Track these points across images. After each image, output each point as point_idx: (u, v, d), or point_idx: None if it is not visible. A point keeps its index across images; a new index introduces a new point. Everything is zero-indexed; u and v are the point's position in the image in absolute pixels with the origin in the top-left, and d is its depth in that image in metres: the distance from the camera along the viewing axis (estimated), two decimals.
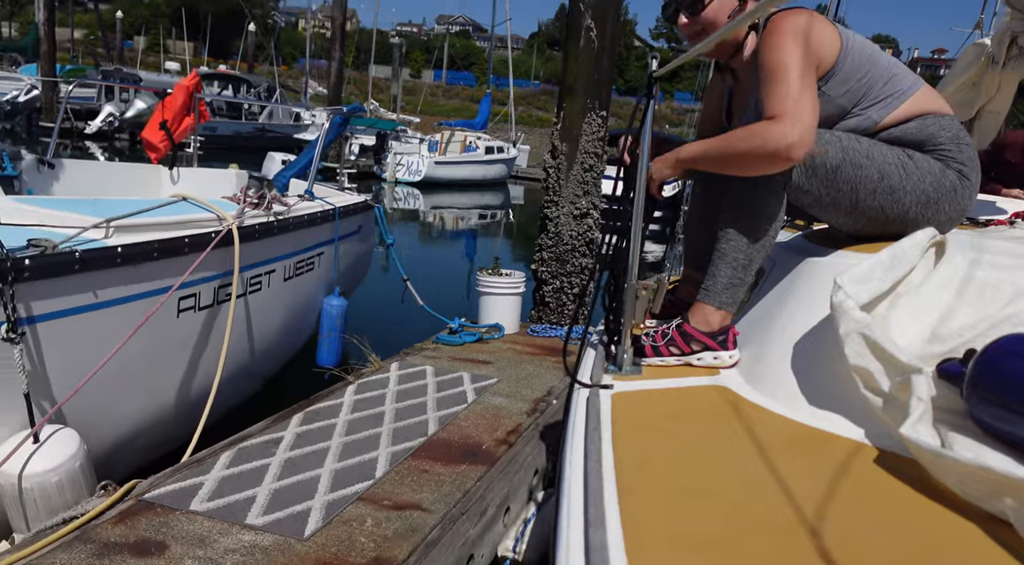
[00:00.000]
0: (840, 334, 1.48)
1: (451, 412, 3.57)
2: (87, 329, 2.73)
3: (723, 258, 1.89)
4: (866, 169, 1.83)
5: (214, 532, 2.43)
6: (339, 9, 20.18)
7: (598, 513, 1.15)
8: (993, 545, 1.09)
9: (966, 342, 1.48)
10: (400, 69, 28.13)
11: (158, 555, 2.28)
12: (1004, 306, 1.53)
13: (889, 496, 1.24)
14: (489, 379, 4.10)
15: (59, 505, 2.50)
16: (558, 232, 5.24)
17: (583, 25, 4.95)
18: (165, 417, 3.26)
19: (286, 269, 4.18)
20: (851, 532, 1.13)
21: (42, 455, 2.47)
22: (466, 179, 21.63)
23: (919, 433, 1.25)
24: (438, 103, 48.52)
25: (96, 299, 2.76)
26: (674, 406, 1.68)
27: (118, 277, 2.84)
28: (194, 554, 2.29)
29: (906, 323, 1.59)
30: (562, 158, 5.12)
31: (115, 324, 2.82)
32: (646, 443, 1.46)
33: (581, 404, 1.64)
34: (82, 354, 2.70)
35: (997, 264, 1.64)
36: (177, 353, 3.28)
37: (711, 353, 1.90)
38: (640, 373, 1.87)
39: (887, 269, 1.62)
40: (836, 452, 1.40)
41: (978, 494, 1.16)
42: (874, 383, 1.44)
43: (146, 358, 3.05)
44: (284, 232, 4.04)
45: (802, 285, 1.87)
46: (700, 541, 1.12)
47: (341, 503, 2.65)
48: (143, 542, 2.34)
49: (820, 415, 1.54)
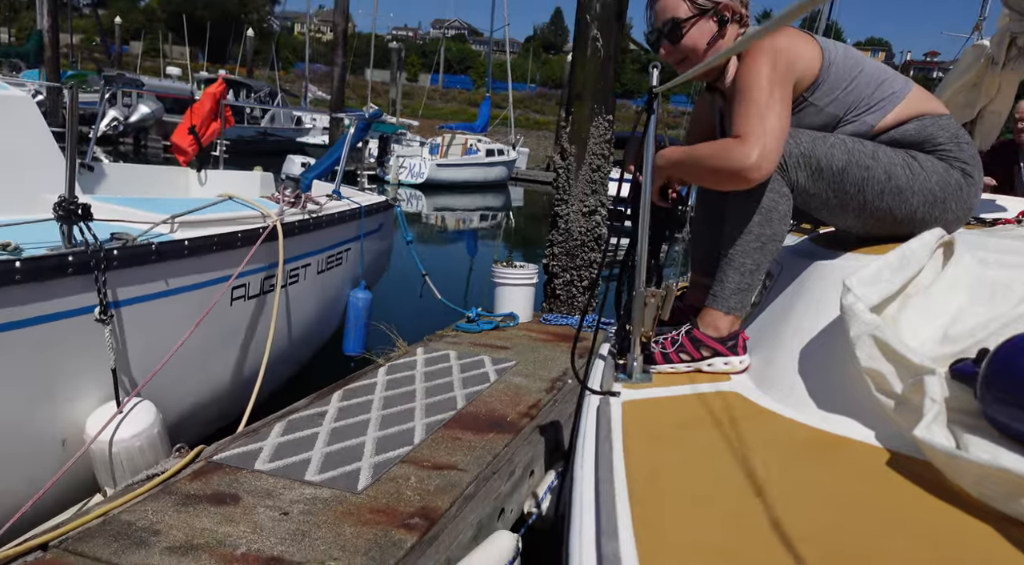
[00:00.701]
0: (851, 337, 1.47)
1: (476, 390, 3.92)
2: (160, 313, 3.08)
3: (730, 263, 1.89)
4: (873, 170, 1.83)
5: (278, 487, 2.77)
6: (341, 15, 20.50)
7: (611, 523, 1.15)
8: (1011, 547, 1.07)
9: (978, 342, 1.46)
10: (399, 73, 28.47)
11: (233, 505, 2.62)
12: (1016, 305, 1.51)
13: (904, 499, 1.22)
14: (508, 361, 4.45)
15: (141, 465, 2.84)
16: (568, 228, 5.60)
17: (590, 36, 5.31)
18: (220, 395, 3.61)
19: (319, 263, 4.53)
20: (867, 537, 1.12)
21: (127, 423, 2.82)
22: (467, 181, 21.99)
23: (933, 435, 1.24)
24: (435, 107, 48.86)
25: (167, 287, 3.11)
26: (685, 413, 1.67)
27: (184, 267, 3.19)
28: (264, 504, 2.63)
29: (917, 324, 1.57)
30: (571, 159, 5.47)
31: (183, 309, 3.17)
32: (657, 452, 1.46)
33: (592, 413, 1.64)
34: (157, 336, 3.05)
35: (1007, 263, 1.62)
36: (230, 337, 3.63)
37: (721, 359, 1.90)
38: (650, 381, 1.87)
39: (896, 270, 1.62)
40: (849, 456, 1.40)
41: (995, 495, 1.14)
42: (886, 385, 1.43)
43: (206, 341, 3.39)
44: (318, 229, 4.39)
45: (811, 288, 1.86)
46: (714, 550, 1.11)
47: (386, 464, 2.99)
48: (219, 495, 2.68)
49: (832, 419, 1.53)
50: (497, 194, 22.90)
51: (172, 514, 2.52)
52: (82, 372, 2.79)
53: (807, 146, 1.83)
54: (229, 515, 2.54)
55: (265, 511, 2.59)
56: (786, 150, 1.81)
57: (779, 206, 1.84)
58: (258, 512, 2.59)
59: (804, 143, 1.83)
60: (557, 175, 5.64)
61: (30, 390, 2.65)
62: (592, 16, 5.29)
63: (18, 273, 2.46)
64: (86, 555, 2.27)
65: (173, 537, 2.38)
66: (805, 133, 1.85)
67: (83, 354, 2.78)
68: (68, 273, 2.63)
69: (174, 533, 2.39)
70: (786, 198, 1.85)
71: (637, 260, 1.88)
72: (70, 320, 2.68)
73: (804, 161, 1.83)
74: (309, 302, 4.50)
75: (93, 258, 2.68)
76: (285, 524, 2.51)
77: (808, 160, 1.83)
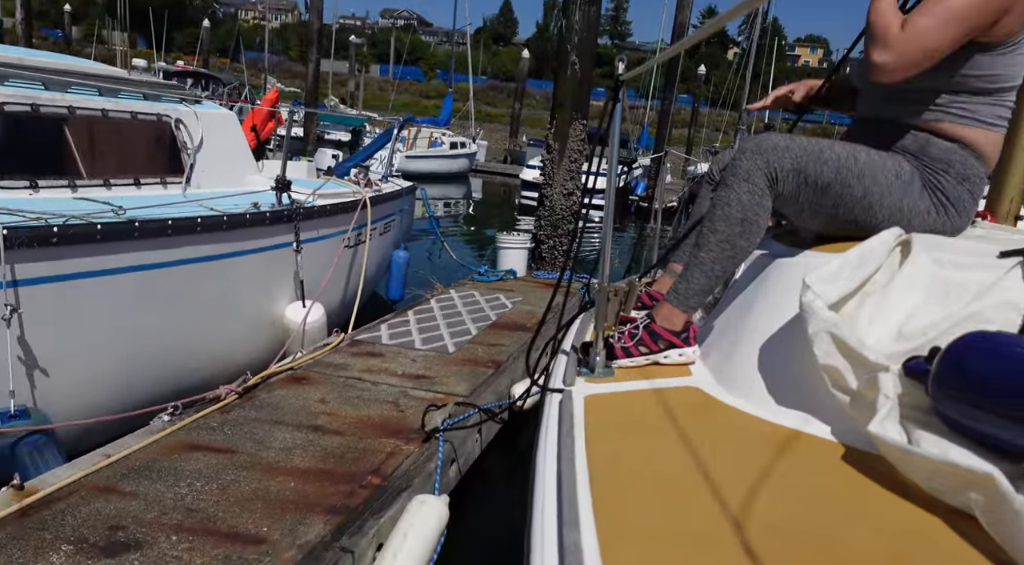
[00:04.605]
0: (809, 333, 1.48)
1: (500, 311, 5.80)
2: (317, 250, 4.88)
3: (700, 265, 1.90)
4: (853, 188, 1.84)
5: (400, 351, 4.60)
6: (315, 13, 21.88)
7: (572, 513, 1.16)
8: (959, 538, 1.11)
9: (931, 340, 1.46)
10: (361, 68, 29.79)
11: (380, 358, 4.44)
12: (968, 304, 1.52)
13: (859, 492, 1.25)
14: (517, 297, 6.34)
15: (317, 339, 4.65)
16: (552, 206, 7.51)
17: (569, 61, 7.21)
18: (337, 309, 5.42)
19: (380, 228, 6.33)
20: (822, 527, 1.16)
21: (312, 313, 4.62)
22: (433, 172, 23.64)
23: (887, 430, 1.26)
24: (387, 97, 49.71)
25: (318, 234, 4.90)
26: (647, 407, 1.68)
27: (325, 223, 4.98)
28: (396, 358, 4.46)
29: (873, 322, 1.59)
30: (555, 153, 7.38)
31: (326, 249, 4.98)
32: (619, 444, 1.47)
33: (554, 408, 1.66)
34: (318, 263, 4.85)
35: (961, 263, 1.63)
36: (344, 270, 5.44)
37: (676, 350, 1.96)
38: (612, 375, 1.89)
39: (855, 268, 1.62)
40: (806, 450, 1.42)
41: (944, 489, 1.18)
42: (842, 381, 1.44)
43: (337, 270, 5.19)
44: (382, 203, 6.19)
45: (771, 285, 1.87)
46: (674, 538, 1.13)
47: (460, 343, 4.85)
48: (366, 353, 4.50)
49: (790, 414, 1.56)
50: (460, 185, 24.62)
51: (346, 360, 4.34)
52: (284, 282, 4.59)
53: (801, 162, 1.83)
54: (379, 362, 4.36)
55: (398, 360, 4.42)
56: (780, 164, 1.82)
57: (760, 220, 1.85)
58: (396, 360, 4.43)
59: (799, 158, 1.83)
60: (544, 165, 7.54)
61: (260, 291, 4.43)
62: (572, 46, 7.20)
63: (263, 220, 4.25)
64: (313, 373, 4.08)
65: (352, 368, 4.20)
66: (801, 146, 1.85)
67: (286, 271, 4.57)
68: (282, 221, 4.41)
69: (351, 368, 4.21)
70: (767, 211, 1.86)
71: (601, 257, 1.97)
72: (281, 250, 4.47)
73: (794, 175, 1.84)
74: (375, 256, 6.30)
75: (294, 213, 4.48)
76: (414, 366, 4.35)
77: (798, 175, 1.84)
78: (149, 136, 4.05)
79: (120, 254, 3.31)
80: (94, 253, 3.18)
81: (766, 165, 1.84)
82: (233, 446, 3.08)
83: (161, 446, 3.03)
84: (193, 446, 3.05)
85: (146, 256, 3.45)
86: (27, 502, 2.51)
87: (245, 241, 4.12)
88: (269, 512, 2.59)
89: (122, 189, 3.82)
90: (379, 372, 4.15)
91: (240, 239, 4.07)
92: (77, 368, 3.26)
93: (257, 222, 4.19)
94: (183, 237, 3.63)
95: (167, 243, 3.54)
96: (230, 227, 3.94)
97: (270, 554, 2.34)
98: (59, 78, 3.61)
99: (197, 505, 2.61)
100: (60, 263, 3.06)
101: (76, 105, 3.63)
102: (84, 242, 3.13)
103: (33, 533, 2.35)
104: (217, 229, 3.85)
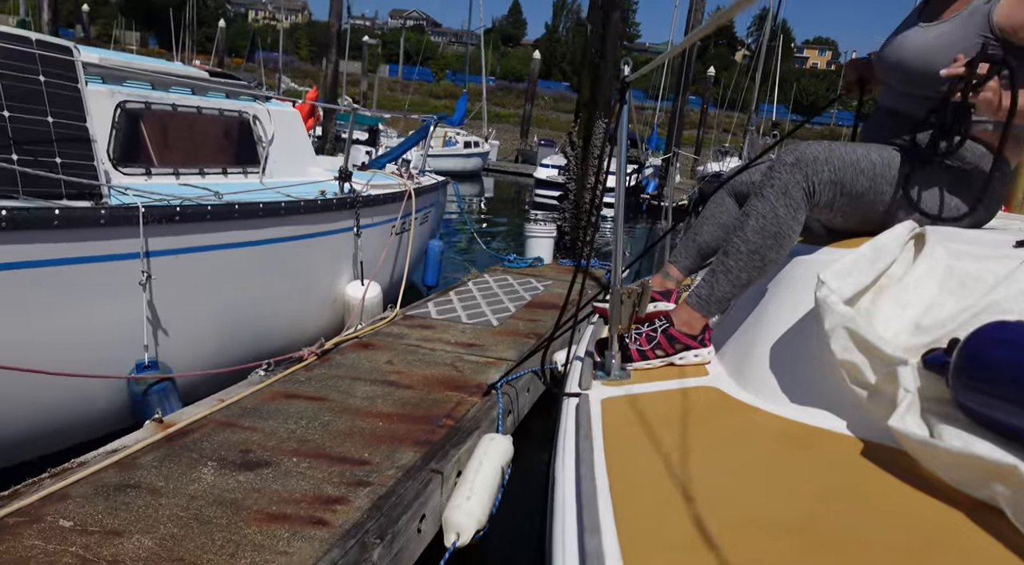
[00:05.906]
0: (825, 329, 1.48)
1: (534, 292, 6.31)
2: (372, 235, 5.40)
3: (727, 273, 1.87)
4: (885, 195, 1.84)
5: (450, 324, 5.11)
6: (335, 16, 22.40)
7: (592, 519, 1.15)
8: (984, 532, 1.09)
9: (949, 332, 1.46)
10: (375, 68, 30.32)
11: (431, 330, 4.94)
12: (985, 294, 1.51)
13: (881, 487, 1.25)
14: (547, 281, 6.86)
15: (375, 313, 5.16)
16: (575, 200, 8.02)
17: (594, 63, 7.72)
18: (386, 290, 5.93)
19: (420, 218, 6.84)
20: (845, 525, 1.14)
21: (369, 291, 5.14)
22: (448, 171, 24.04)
23: (907, 424, 1.26)
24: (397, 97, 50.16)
25: (372, 221, 5.42)
26: (664, 409, 1.67)
27: (378, 211, 5.50)
28: (446, 330, 4.96)
29: (890, 315, 1.58)
30: (579, 150, 7.90)
31: (378, 234, 5.50)
32: (638, 448, 1.47)
33: (571, 413, 1.66)
34: (372, 247, 5.37)
35: (976, 254, 1.62)
36: (392, 255, 5.96)
37: (692, 351, 1.96)
38: (629, 378, 1.89)
39: (870, 262, 1.62)
40: (827, 447, 1.42)
41: (968, 481, 1.16)
42: (861, 376, 1.44)
43: (388, 254, 5.71)
44: (421, 195, 6.70)
45: (786, 282, 1.86)
46: (696, 543, 1.12)
47: (502, 318, 5.35)
48: (419, 325, 5.01)
49: (809, 411, 1.55)
50: (473, 183, 25.16)
51: (403, 330, 4.85)
52: (345, 262, 5.11)
53: (839, 173, 1.82)
54: (432, 333, 4.87)
55: (449, 331, 4.93)
56: (818, 178, 1.81)
57: (793, 234, 1.83)
58: (447, 331, 4.93)
59: (837, 170, 1.82)
60: (568, 161, 8.05)
61: (328, 269, 4.96)
62: (597, 50, 7.70)
63: (331, 206, 4.77)
64: (377, 340, 4.59)
65: (410, 337, 4.71)
66: (840, 157, 1.84)
67: (347, 252, 5.09)
68: (345, 207, 4.94)
69: (409, 337, 4.72)
70: (801, 224, 1.85)
71: (613, 260, 1.97)
72: (344, 234, 4.99)
73: (831, 187, 1.83)
74: (418, 240, 6.82)
75: (355, 201, 5.00)
76: (463, 336, 4.86)
77: (835, 186, 1.83)
78: (233, 130, 4.57)
79: (222, 232, 3.84)
80: (204, 231, 3.71)
81: (804, 179, 1.82)
82: (323, 395, 3.59)
83: (263, 393, 3.55)
84: (289, 395, 3.57)
85: (241, 235, 3.98)
86: (169, 431, 3.03)
87: (317, 224, 4.64)
88: (366, 443, 3.11)
89: (213, 177, 4.34)
90: (434, 341, 4.66)
91: (313, 223, 4.59)
92: (189, 328, 3.78)
93: (327, 208, 4.71)
94: (269, 219, 4.15)
95: (257, 224, 4.07)
96: (306, 211, 4.46)
97: (376, 471, 2.86)
98: (164, 78, 4.13)
99: (306, 436, 3.12)
100: (179, 238, 3.59)
101: (177, 103, 4.15)
102: (198, 220, 3.65)
103: (182, 454, 2.87)
104: (296, 213, 4.37)
